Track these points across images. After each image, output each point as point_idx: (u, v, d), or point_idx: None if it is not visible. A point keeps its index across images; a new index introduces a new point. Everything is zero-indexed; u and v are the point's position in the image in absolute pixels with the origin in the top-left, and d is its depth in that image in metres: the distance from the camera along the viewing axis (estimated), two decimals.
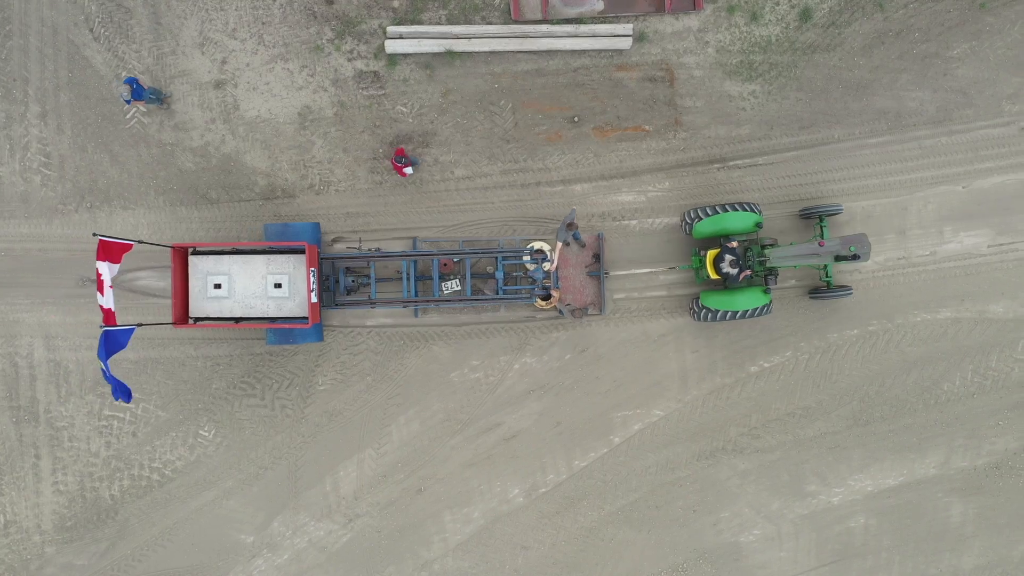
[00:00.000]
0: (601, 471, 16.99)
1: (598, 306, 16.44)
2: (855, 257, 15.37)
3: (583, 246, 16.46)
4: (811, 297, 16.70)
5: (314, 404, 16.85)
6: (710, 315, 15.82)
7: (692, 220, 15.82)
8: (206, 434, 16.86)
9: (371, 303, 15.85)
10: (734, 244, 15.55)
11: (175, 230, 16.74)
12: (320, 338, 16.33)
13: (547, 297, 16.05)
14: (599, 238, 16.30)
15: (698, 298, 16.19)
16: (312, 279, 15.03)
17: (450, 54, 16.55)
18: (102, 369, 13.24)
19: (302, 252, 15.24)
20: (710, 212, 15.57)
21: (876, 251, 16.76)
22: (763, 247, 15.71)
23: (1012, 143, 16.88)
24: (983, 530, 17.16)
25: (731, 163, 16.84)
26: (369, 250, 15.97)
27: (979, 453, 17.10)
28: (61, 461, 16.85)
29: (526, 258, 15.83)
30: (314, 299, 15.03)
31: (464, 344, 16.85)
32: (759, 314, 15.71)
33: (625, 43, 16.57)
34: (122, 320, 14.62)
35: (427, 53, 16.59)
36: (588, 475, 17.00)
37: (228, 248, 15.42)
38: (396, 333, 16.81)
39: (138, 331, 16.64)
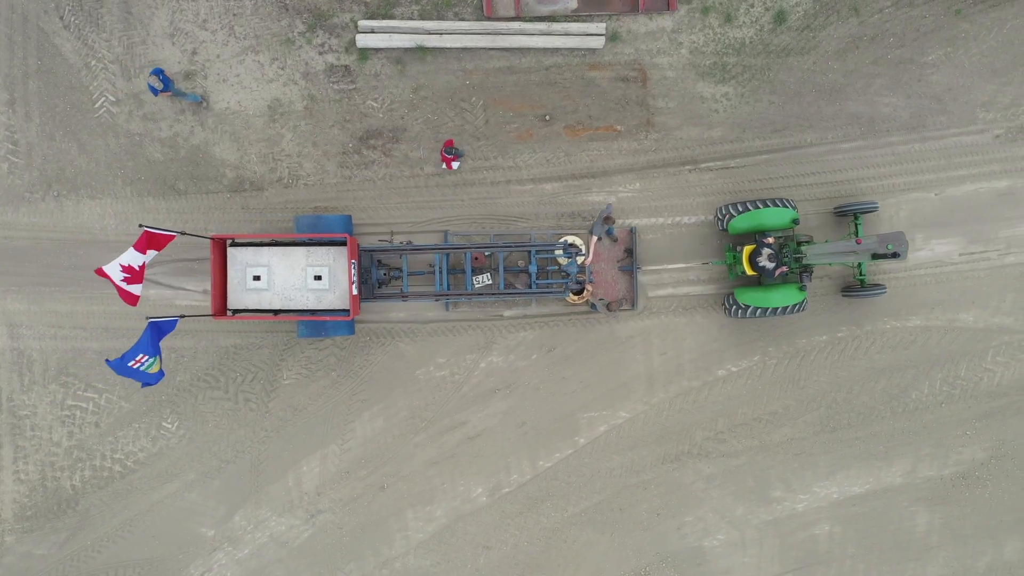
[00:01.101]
0: (565, 472, 16.90)
1: (630, 301, 16.28)
2: (895, 255, 15.22)
3: (615, 241, 16.34)
4: (843, 295, 16.58)
5: (278, 398, 16.76)
6: (745, 311, 15.74)
7: (727, 216, 15.75)
8: (169, 426, 16.77)
9: (403, 296, 15.60)
10: (770, 240, 15.44)
11: (142, 220, 16.64)
12: (352, 331, 16.17)
13: (579, 292, 15.93)
14: (632, 233, 16.15)
15: (732, 294, 16.11)
16: (353, 271, 14.81)
17: (421, 50, 16.46)
18: (135, 363, 12.98)
19: (342, 244, 15.03)
20: (746, 208, 15.52)
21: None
22: (799, 244, 15.62)
23: (985, 151, 16.77)
24: (948, 540, 17.05)
25: (703, 165, 16.74)
26: (401, 243, 15.82)
27: (946, 463, 16.99)
28: (23, 450, 16.76)
29: (558, 252, 15.71)
30: (355, 291, 14.81)
31: (430, 342, 16.76)
32: (794, 311, 15.64)
33: (598, 42, 16.47)
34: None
35: (398, 48, 16.50)
36: (552, 476, 16.90)
37: (267, 240, 15.22)
38: (362, 329, 16.71)
39: (101, 321, 16.66)
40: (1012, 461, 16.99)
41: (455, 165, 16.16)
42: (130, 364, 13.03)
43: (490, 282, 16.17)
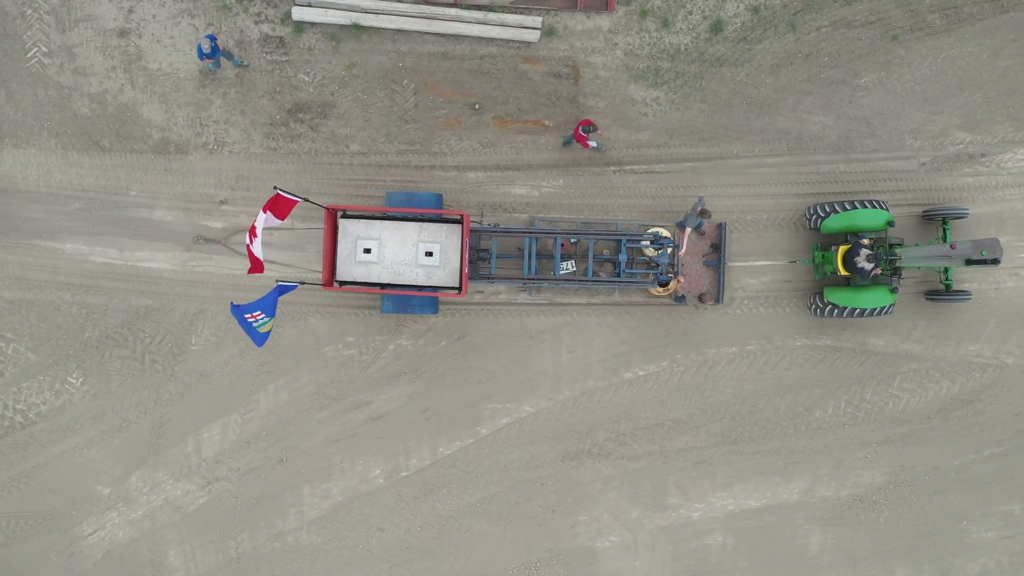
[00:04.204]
0: (464, 461, 16.91)
1: (713, 296, 16.20)
2: (994, 261, 15.19)
3: (702, 235, 16.22)
4: (927, 299, 16.59)
5: (185, 363, 16.75)
6: (834, 311, 15.78)
7: (819, 215, 15.81)
8: (74, 381, 16.75)
9: (490, 278, 15.56)
10: (867, 241, 15.44)
11: (64, 174, 16.63)
12: (436, 310, 16.16)
13: (666, 283, 15.95)
14: (720, 227, 16.06)
15: (821, 293, 16.12)
16: (466, 250, 14.67)
17: (357, 28, 16.46)
18: (252, 317, 12.77)
19: (452, 222, 14.92)
20: (840, 208, 15.58)
21: (762, 272, 16.71)
22: (891, 246, 15.64)
23: (910, 178, 16.81)
24: (839, 562, 17.09)
25: (627, 167, 16.76)
26: (489, 225, 15.77)
27: (844, 484, 17.03)
28: None
29: (645, 243, 15.74)
30: (466, 269, 14.65)
31: (341, 320, 16.76)
32: (883, 313, 15.67)
33: (533, 35, 16.49)
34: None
35: (334, 24, 16.50)
36: (451, 463, 16.91)
37: (379, 213, 15.11)
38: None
39: (14, 271, 16.65)
40: (910, 488, 17.02)
41: (592, 144, 15.75)
42: (247, 317, 12.80)
43: (573, 269, 16.09)
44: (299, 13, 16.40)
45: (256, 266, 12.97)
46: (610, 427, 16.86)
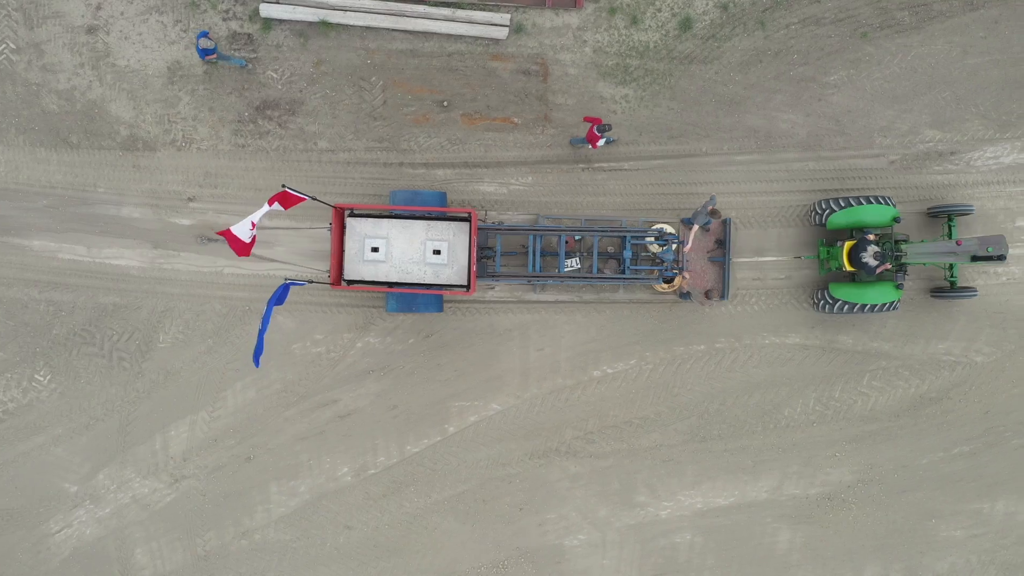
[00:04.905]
0: (432, 459, 16.88)
1: (718, 292, 16.19)
2: (1000, 257, 15.16)
3: (707, 231, 16.20)
4: (933, 296, 16.56)
5: (153, 360, 16.71)
6: (840, 307, 15.76)
7: (825, 211, 15.80)
8: (41, 379, 16.71)
9: (494, 275, 15.54)
10: (873, 237, 15.41)
11: (32, 171, 16.59)
12: (441, 308, 16.16)
13: (670, 280, 15.91)
14: (726, 224, 16.04)
15: (826, 288, 16.09)
16: (474, 248, 14.67)
17: (325, 25, 16.43)
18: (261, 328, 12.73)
19: (460, 220, 14.91)
20: (845, 204, 15.57)
21: (738, 268, 16.66)
22: (896, 242, 15.62)
23: (879, 176, 16.78)
24: (808, 560, 17.06)
25: (596, 165, 16.73)
26: (493, 223, 15.71)
27: (812, 482, 17.00)
28: None
29: (650, 239, 15.69)
30: (474, 268, 14.65)
31: (309, 317, 16.73)
32: (887, 309, 15.66)
33: (501, 32, 16.46)
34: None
35: (302, 21, 16.47)
36: (419, 461, 16.88)
37: (387, 212, 15.09)
38: (243, 298, 16.67)
39: None
40: (879, 486, 17.00)
41: (601, 143, 15.66)
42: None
43: (578, 266, 16.08)
44: (267, 10, 16.37)
45: (242, 249, 12.89)
46: (578, 425, 16.82)
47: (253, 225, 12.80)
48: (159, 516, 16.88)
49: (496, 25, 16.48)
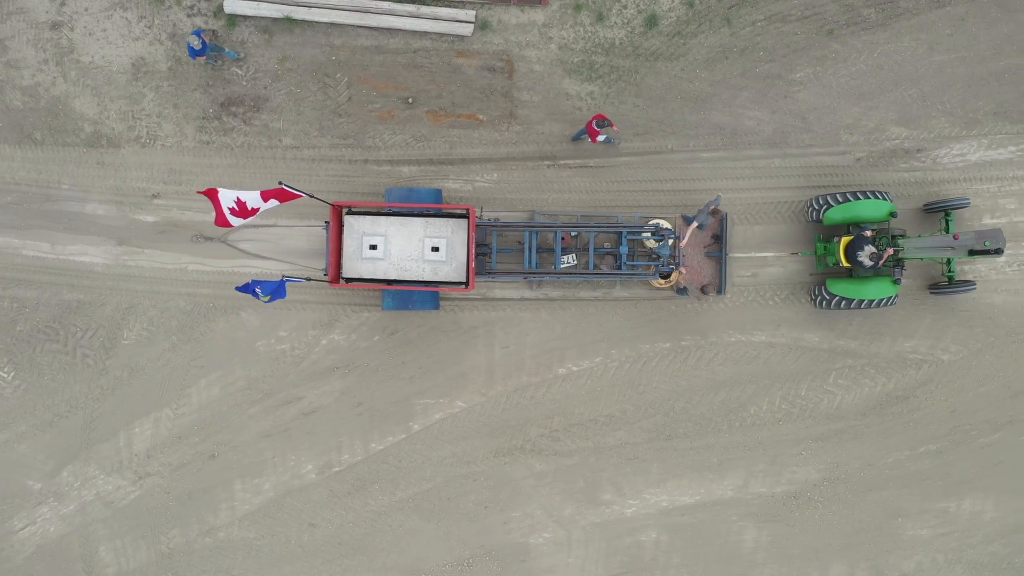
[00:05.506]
0: (396, 457, 16.83)
1: (714, 287, 16.16)
2: (997, 252, 15.09)
3: (703, 230, 16.14)
4: (931, 292, 16.50)
5: (116, 357, 16.66)
6: (838, 302, 15.71)
7: (821, 206, 15.75)
8: (4, 375, 16.66)
9: (490, 272, 15.50)
10: (870, 233, 15.36)
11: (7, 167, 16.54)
12: (437, 306, 16.17)
13: (667, 275, 15.90)
14: (722, 218, 15.96)
15: (823, 284, 16.05)
16: (472, 244, 14.62)
17: (289, 21, 16.38)
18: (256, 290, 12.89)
19: (459, 216, 14.88)
20: (841, 199, 15.53)
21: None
22: (893, 237, 15.57)
23: (845, 173, 16.74)
24: (774, 558, 17.00)
25: (561, 162, 16.69)
26: (489, 220, 15.70)
27: (778, 481, 16.95)
28: None
29: (647, 235, 15.65)
30: (472, 264, 14.59)
31: (274, 314, 16.67)
32: (886, 304, 15.61)
33: (466, 29, 16.41)
34: None
35: (267, 17, 16.42)
36: (383, 459, 16.83)
37: (385, 209, 15.08)
38: (208, 295, 16.62)
39: None
40: (845, 485, 16.95)
41: (601, 139, 15.60)
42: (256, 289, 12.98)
43: (574, 263, 16.02)
44: (232, 6, 16.32)
45: (220, 218, 12.77)
46: (543, 423, 16.78)
47: (239, 204, 12.70)
48: (123, 513, 16.83)
49: (461, 22, 16.43)
